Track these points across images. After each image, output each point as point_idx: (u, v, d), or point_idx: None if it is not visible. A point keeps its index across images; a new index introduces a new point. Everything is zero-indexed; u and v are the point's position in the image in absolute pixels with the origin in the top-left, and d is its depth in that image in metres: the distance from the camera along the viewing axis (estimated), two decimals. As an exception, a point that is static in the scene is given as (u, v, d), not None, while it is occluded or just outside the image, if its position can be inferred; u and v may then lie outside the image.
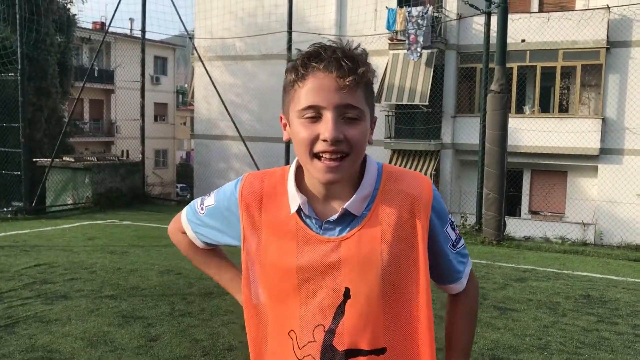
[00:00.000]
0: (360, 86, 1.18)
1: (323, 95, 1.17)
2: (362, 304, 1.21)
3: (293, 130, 1.23)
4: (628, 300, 5.79)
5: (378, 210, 1.24)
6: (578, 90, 16.94)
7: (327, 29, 18.38)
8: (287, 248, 1.25)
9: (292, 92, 1.22)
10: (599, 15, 15.91)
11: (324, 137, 1.16)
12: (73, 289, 5.46)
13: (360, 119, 1.19)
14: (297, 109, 1.20)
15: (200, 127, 21.75)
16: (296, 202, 1.25)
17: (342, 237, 1.23)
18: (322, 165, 1.18)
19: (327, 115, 1.17)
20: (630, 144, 16.12)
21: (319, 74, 1.17)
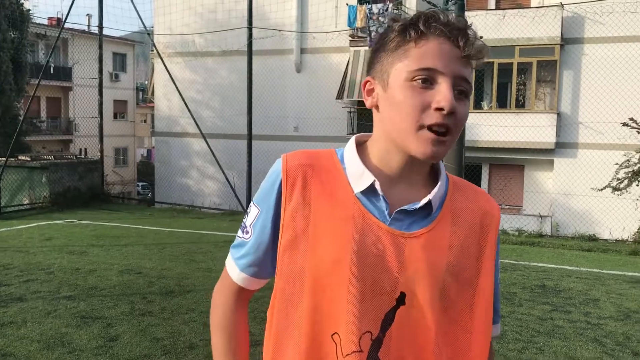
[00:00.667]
0: (473, 63, 1.07)
1: (444, 60, 1.03)
2: (415, 315, 1.05)
3: (396, 95, 1.05)
4: (581, 289, 5.99)
5: (447, 215, 1.10)
6: (534, 86, 17.34)
7: (287, 25, 18.36)
8: (343, 234, 1.05)
9: (403, 51, 1.05)
10: (553, 13, 16.31)
11: (439, 106, 1.01)
12: (29, 290, 5.35)
13: (468, 96, 1.07)
14: (408, 70, 1.04)
15: (160, 124, 21.46)
16: (364, 181, 1.08)
17: (410, 234, 1.06)
18: (429, 136, 1.02)
19: (444, 82, 1.02)
20: (584, 138, 16.59)
21: (442, 38, 1.04)
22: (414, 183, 1.11)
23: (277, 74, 18.61)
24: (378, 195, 1.07)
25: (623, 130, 13.43)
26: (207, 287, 5.68)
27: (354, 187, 1.08)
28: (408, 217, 1.07)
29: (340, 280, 1.04)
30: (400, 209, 1.07)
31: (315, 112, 18.94)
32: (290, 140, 18.50)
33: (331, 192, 1.09)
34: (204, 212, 13.27)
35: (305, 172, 1.10)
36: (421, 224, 1.07)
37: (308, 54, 19.47)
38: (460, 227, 1.10)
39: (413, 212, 1.07)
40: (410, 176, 1.10)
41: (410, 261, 1.05)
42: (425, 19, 1.04)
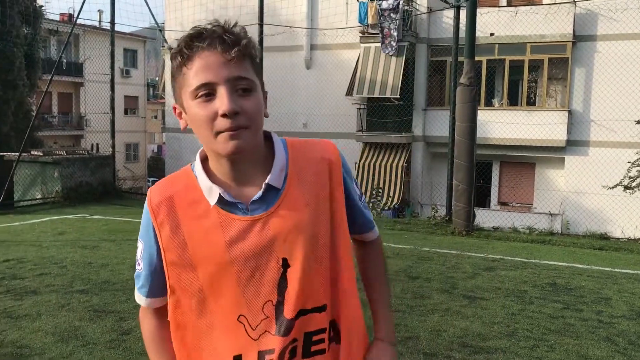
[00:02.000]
0: (246, 58, 1.20)
1: (212, 71, 1.17)
2: (300, 270, 1.25)
3: (190, 114, 1.22)
4: (592, 287, 5.96)
5: (294, 179, 1.28)
6: (545, 84, 17.25)
7: (298, 22, 18.36)
8: (215, 241, 1.24)
9: (181, 77, 1.22)
10: (566, 10, 16.21)
11: (222, 112, 1.16)
12: (43, 284, 5.41)
13: (253, 89, 1.21)
14: (189, 91, 1.20)
15: (171, 120, 21.55)
16: (214, 194, 1.25)
17: (267, 213, 1.25)
18: (224, 135, 1.18)
19: (221, 90, 1.17)
20: (596, 135, 16.50)
21: (204, 52, 1.18)
22: (253, 176, 1.27)
23: (287, 71, 18.62)
24: (229, 202, 1.25)
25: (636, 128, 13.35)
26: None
27: (210, 200, 1.25)
28: (262, 202, 1.25)
29: (228, 275, 1.24)
30: (252, 200, 1.25)
31: (325, 108, 18.95)
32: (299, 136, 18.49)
33: (194, 208, 1.27)
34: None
35: (166, 204, 1.28)
36: (274, 199, 1.26)
37: (318, 51, 19.47)
38: (308, 182, 1.29)
39: (264, 197, 1.25)
40: (246, 171, 1.27)
41: (279, 231, 1.24)
42: (186, 42, 1.20)
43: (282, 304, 1.25)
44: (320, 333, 1.30)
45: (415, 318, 4.69)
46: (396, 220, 11.11)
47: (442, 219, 10.03)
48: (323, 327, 1.30)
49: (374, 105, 18.66)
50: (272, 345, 1.25)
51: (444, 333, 4.37)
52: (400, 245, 8.03)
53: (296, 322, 1.26)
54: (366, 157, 18.58)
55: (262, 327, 1.25)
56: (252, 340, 1.26)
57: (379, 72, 17.82)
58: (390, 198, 17.63)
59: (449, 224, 9.60)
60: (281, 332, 1.25)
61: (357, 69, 18.17)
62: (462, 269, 6.60)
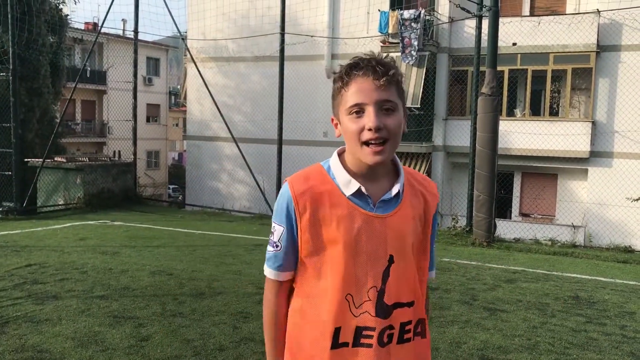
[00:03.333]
0: (392, 85, 1.51)
1: (365, 94, 1.49)
2: (401, 268, 1.56)
3: (344, 126, 1.55)
4: (616, 301, 5.85)
5: (408, 196, 1.61)
6: (568, 94, 17.06)
7: (319, 31, 18.42)
8: (344, 228, 1.52)
9: (340, 97, 1.55)
10: (589, 20, 16.04)
11: (368, 127, 1.48)
12: (64, 289, 5.46)
13: (395, 110, 1.52)
14: (345, 108, 1.52)
15: (192, 128, 21.72)
16: (352, 187, 1.54)
17: (388, 215, 1.56)
18: (369, 150, 1.50)
19: (369, 109, 1.49)
20: (620, 147, 16.25)
21: (359, 79, 1.50)
22: (382, 178, 1.59)
23: (307, 80, 18.66)
24: (363, 194, 1.55)
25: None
26: (236, 289, 5.72)
27: (344, 192, 1.55)
28: (386, 203, 1.57)
29: (348, 256, 1.53)
30: (380, 199, 1.56)
31: (346, 117, 18.92)
32: (319, 146, 18.54)
33: (329, 199, 1.54)
34: (234, 215, 13.37)
35: (307, 195, 1.55)
36: (394, 205, 1.57)
37: (339, 60, 19.48)
38: (415, 203, 1.62)
39: (389, 200, 1.57)
40: (378, 174, 1.58)
41: (392, 232, 1.55)
42: (346, 70, 1.53)
43: (384, 292, 1.54)
44: (409, 324, 1.58)
45: (434, 329, 4.64)
46: (416, 230, 11.01)
47: (463, 229, 9.94)
48: (410, 319, 1.59)
49: (394, 115, 18.56)
50: (371, 324, 1.53)
51: (464, 345, 4.31)
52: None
53: (394, 311, 1.55)
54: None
55: (363, 307, 1.53)
56: (353, 317, 1.53)
57: (400, 81, 17.73)
58: (410, 208, 17.51)
59: (469, 234, 9.51)
60: (381, 314, 1.53)
61: (378, 79, 18.12)
62: (482, 280, 6.52)
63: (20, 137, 11.31)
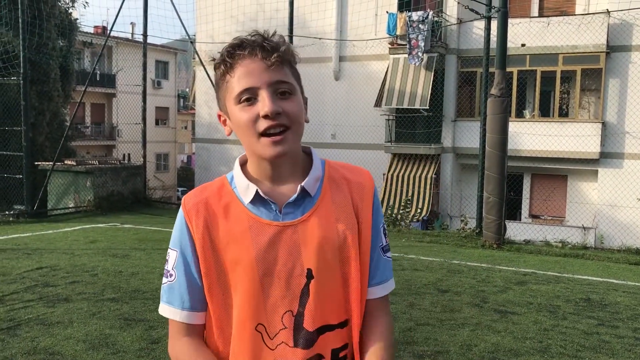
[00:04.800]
0: (285, 64, 1.25)
1: (254, 77, 1.23)
2: (324, 283, 1.25)
3: (234, 120, 1.27)
4: (628, 303, 5.80)
5: (327, 193, 1.31)
6: (578, 95, 16.97)
7: (328, 34, 18.44)
8: (244, 243, 1.25)
9: (225, 85, 1.27)
10: (599, 20, 15.95)
11: (264, 113, 1.21)
12: (75, 291, 5.48)
13: (293, 92, 1.26)
14: (233, 97, 1.25)
15: (201, 130, 21.79)
16: (250, 192, 1.27)
17: (298, 220, 1.26)
18: (268, 140, 1.22)
19: (263, 93, 1.22)
20: (631, 148, 16.14)
21: (245, 60, 1.24)
22: (290, 178, 1.30)
23: (316, 82, 18.68)
24: (265, 200, 1.27)
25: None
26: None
27: (243, 199, 1.28)
28: (296, 207, 1.27)
29: (251, 281, 1.24)
30: (287, 202, 1.27)
31: (353, 119, 18.95)
32: (327, 148, 18.55)
33: (226, 213, 1.28)
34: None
35: (201, 209, 1.29)
36: (307, 207, 1.28)
37: (347, 62, 19.50)
38: (340, 200, 1.31)
39: (299, 201, 1.27)
40: (284, 174, 1.30)
41: (307, 241, 1.25)
42: (228, 51, 1.25)
43: (302, 316, 1.25)
44: (344, 349, 1.29)
45: (445, 332, 4.62)
46: (425, 232, 11.00)
47: (472, 231, 9.91)
48: (345, 342, 1.29)
49: (403, 117, 18.59)
50: (291, 356, 1.24)
51: (475, 348, 4.29)
52: (430, 257, 7.95)
53: (320, 337, 1.25)
54: (395, 169, 18.49)
55: (279, 338, 1.25)
56: (269, 350, 1.25)
57: (408, 83, 17.76)
58: (420, 210, 17.49)
59: (479, 236, 9.47)
60: (300, 344, 1.24)
61: (386, 80, 18.14)
62: (493, 282, 6.49)
63: (31, 141, 11.39)
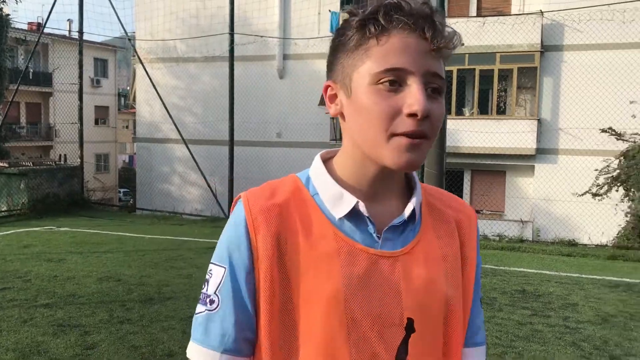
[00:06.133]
0: (443, 55, 0.91)
1: (411, 57, 0.88)
2: (425, 339, 0.94)
3: (360, 101, 0.90)
4: (560, 293, 6.04)
5: (429, 222, 1.00)
6: (515, 93, 17.52)
7: (270, 31, 18.37)
8: (330, 274, 0.91)
9: (363, 50, 0.90)
10: (533, 20, 16.51)
11: (412, 111, 0.86)
12: (5, 298, 5.27)
13: (442, 93, 0.92)
14: (372, 72, 0.88)
15: (142, 130, 21.31)
16: (344, 205, 0.94)
17: (402, 252, 0.94)
18: (404, 141, 0.88)
19: (414, 83, 0.87)
20: (564, 144, 16.78)
21: (405, 31, 0.88)
22: (391, 196, 0.98)
23: (259, 80, 18.59)
24: (362, 218, 0.93)
25: (602, 137, 13.62)
26: (187, 294, 5.64)
27: (333, 213, 0.94)
28: (397, 233, 0.95)
29: (332, 326, 0.90)
30: (389, 225, 0.94)
31: (299, 118, 18.96)
32: (273, 147, 18.49)
33: (306, 228, 0.93)
34: (186, 218, 13.18)
35: (273, 216, 0.93)
36: (409, 237, 0.96)
37: (291, 60, 19.49)
38: (444, 234, 1.00)
39: (400, 227, 0.95)
40: (388, 189, 0.97)
41: (410, 281, 0.93)
42: (385, 11, 0.89)
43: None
44: None
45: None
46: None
47: (414, 227, 10.06)
48: None
49: (347, 115, 18.69)
50: None
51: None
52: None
53: None
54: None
55: None
56: None
57: (351, 81, 17.88)
58: (364, 207, 17.66)
59: (420, 232, 9.63)
60: None
61: (330, 79, 18.21)
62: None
63: (-41, 142, 10.87)
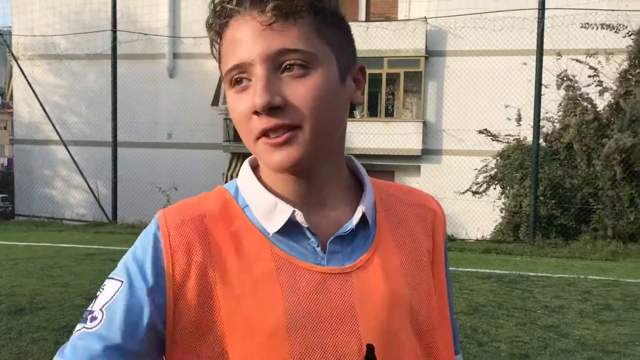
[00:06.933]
0: (300, 16, 0.75)
1: (246, 45, 0.75)
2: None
3: (229, 110, 0.81)
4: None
5: (384, 225, 0.86)
6: (402, 96, 18.23)
7: (160, 29, 17.87)
8: (266, 299, 0.76)
9: (220, 59, 0.80)
10: (416, 26, 17.27)
11: (254, 108, 0.74)
12: None
13: (311, 66, 0.75)
14: (224, 77, 0.79)
15: (21, 131, 19.97)
16: (279, 216, 0.79)
17: (354, 266, 0.80)
18: (264, 145, 0.76)
19: (257, 71, 0.74)
20: (448, 145, 17.69)
21: (235, 20, 0.76)
22: (336, 201, 0.84)
23: (148, 79, 18.03)
24: (301, 230, 0.80)
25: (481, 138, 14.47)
26: (62, 303, 5.37)
27: (267, 228, 0.80)
28: (345, 244, 0.81)
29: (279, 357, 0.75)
30: (335, 236, 0.80)
31: (190, 118, 18.60)
32: (163, 148, 18.00)
33: (238, 246, 0.79)
34: (67, 224, 12.52)
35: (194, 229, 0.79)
36: (362, 248, 0.82)
37: (182, 59, 19.08)
38: (404, 236, 0.86)
39: (348, 237, 0.81)
40: (330, 193, 0.83)
41: (367, 301, 0.79)
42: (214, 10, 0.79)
43: None
44: None
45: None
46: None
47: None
48: None
49: (240, 116, 18.59)
50: None
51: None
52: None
53: None
54: (235, 168, 18.46)
55: None
56: None
57: (244, 82, 17.83)
58: (258, 208, 17.63)
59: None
60: None
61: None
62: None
63: None
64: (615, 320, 5.32)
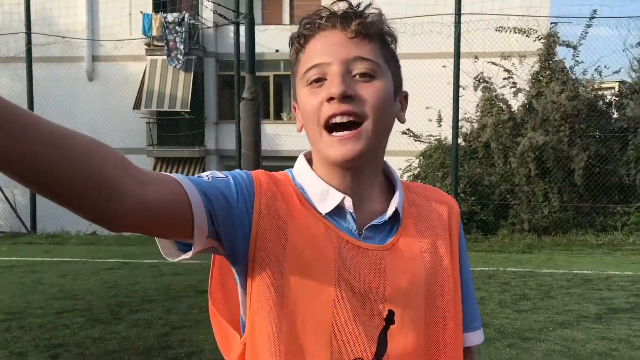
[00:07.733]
0: (373, 39, 0.97)
1: (328, 51, 0.95)
2: (407, 331, 0.96)
3: (300, 104, 0.99)
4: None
5: (409, 219, 1.03)
6: (328, 98, 18.48)
7: (78, 32, 17.25)
8: (323, 253, 0.93)
9: (297, 65, 1.00)
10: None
11: (329, 95, 0.92)
12: None
13: (377, 75, 0.96)
14: (301, 74, 0.98)
15: None
16: (330, 200, 0.97)
17: (384, 247, 0.97)
18: (333, 138, 0.94)
19: (332, 72, 0.94)
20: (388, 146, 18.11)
21: (321, 32, 0.97)
22: (373, 195, 1.02)
23: (66, 83, 17.38)
24: (344, 215, 0.98)
25: (404, 138, 14.88)
26: (-21, 318, 5.11)
27: (319, 208, 0.97)
28: (377, 232, 0.99)
29: (325, 305, 0.92)
30: (370, 224, 0.98)
31: (111, 123, 18.04)
32: (84, 154, 17.39)
33: (300, 212, 0.96)
34: (-20, 236, 11.87)
35: (274, 189, 0.97)
36: (390, 234, 1.00)
37: (101, 62, 18.53)
38: (425, 228, 1.03)
39: (381, 226, 0.99)
40: (368, 187, 1.01)
41: (391, 275, 0.96)
42: (305, 23, 0.98)
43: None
44: None
45: (201, 332, 4.70)
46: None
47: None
48: None
49: (164, 119, 18.27)
50: None
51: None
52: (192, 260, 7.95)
53: None
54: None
55: None
56: None
57: (168, 85, 17.52)
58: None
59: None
60: None
61: (145, 82, 17.65)
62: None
63: None
64: (531, 308, 5.65)
